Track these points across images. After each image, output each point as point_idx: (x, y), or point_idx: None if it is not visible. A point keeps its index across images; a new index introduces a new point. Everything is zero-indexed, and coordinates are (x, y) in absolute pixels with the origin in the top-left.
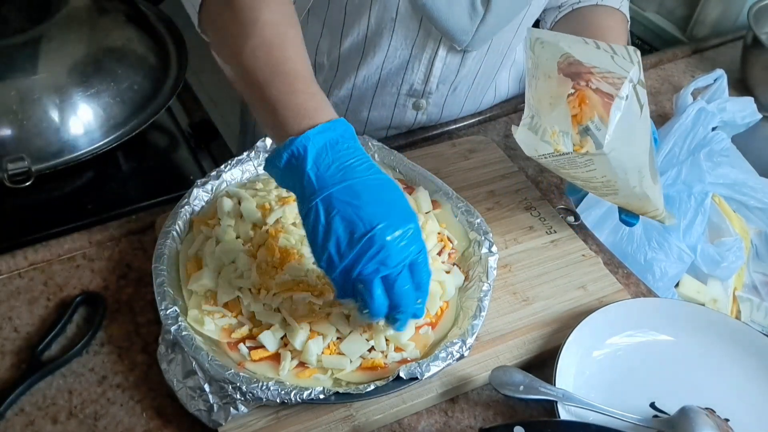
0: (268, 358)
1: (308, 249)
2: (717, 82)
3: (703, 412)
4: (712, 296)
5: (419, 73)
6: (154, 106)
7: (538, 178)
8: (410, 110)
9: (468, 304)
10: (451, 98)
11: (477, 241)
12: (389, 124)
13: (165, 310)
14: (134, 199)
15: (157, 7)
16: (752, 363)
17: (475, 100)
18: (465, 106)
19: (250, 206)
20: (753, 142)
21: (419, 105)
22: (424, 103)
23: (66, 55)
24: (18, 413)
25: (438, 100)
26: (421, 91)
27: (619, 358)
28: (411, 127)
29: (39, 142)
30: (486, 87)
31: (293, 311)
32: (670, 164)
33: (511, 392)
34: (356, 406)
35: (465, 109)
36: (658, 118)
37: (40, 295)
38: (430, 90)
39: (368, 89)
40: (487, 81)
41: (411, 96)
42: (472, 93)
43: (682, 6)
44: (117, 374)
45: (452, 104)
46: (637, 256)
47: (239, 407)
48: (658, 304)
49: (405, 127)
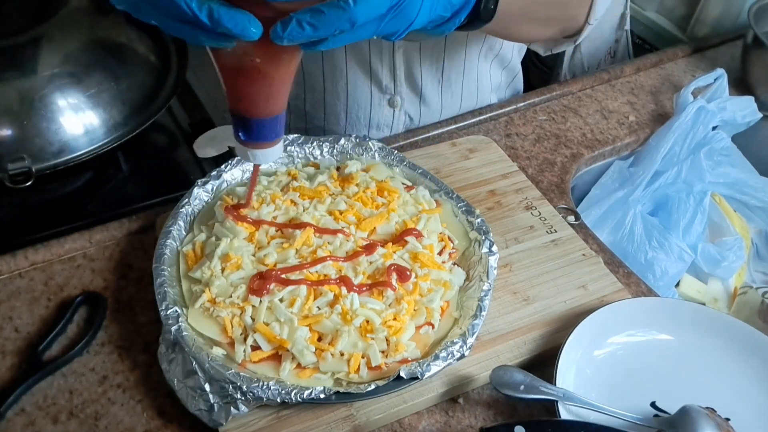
0: (268, 358)
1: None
2: (717, 82)
3: (703, 411)
4: (713, 296)
5: (384, 69)
6: (154, 106)
7: (539, 177)
8: (386, 108)
9: (468, 303)
10: (427, 94)
11: (477, 240)
12: (369, 123)
13: (165, 310)
14: (134, 199)
15: None
16: (753, 362)
17: (454, 96)
18: (445, 103)
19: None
20: (753, 142)
21: (394, 102)
22: (398, 99)
23: (66, 55)
24: (18, 413)
25: (411, 96)
26: (391, 87)
27: (620, 358)
28: (396, 128)
29: (39, 142)
30: (462, 81)
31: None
32: (671, 163)
33: (511, 392)
34: (357, 406)
35: (447, 105)
36: (658, 117)
37: (41, 295)
38: (399, 85)
39: (340, 90)
40: (459, 75)
41: (384, 93)
42: (447, 87)
43: (682, 5)
44: (117, 374)
45: (431, 101)
46: (637, 255)
47: (240, 407)
48: (659, 304)
49: (387, 128)
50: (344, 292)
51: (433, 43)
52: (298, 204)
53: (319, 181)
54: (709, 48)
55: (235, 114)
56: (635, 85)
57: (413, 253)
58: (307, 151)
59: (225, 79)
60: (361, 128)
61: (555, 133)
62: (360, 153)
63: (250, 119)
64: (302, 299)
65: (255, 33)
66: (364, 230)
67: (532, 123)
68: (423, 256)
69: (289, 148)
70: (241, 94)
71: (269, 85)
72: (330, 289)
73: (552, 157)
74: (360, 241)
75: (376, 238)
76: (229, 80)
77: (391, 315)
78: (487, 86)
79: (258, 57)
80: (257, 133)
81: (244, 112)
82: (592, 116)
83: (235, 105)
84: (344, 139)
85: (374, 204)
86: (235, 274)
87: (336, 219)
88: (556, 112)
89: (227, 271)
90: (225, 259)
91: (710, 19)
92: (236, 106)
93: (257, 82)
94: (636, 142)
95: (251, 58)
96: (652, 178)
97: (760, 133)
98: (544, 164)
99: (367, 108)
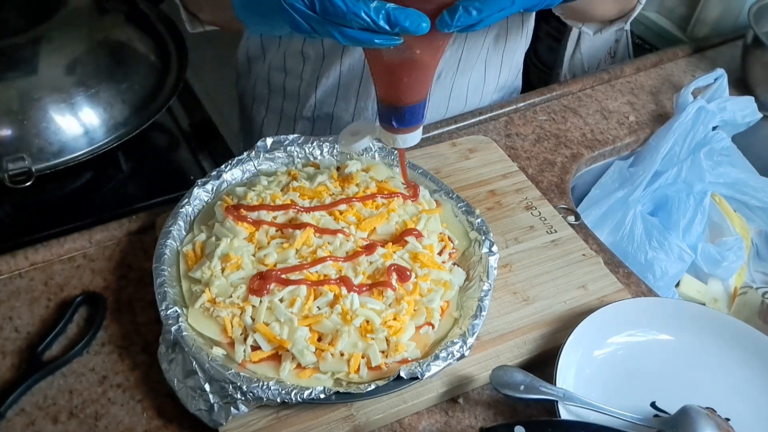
0: (268, 358)
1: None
2: (717, 82)
3: (703, 411)
4: (713, 296)
5: None
6: (154, 106)
7: (539, 177)
8: None
9: (468, 303)
10: (438, 87)
11: (477, 240)
12: (374, 113)
13: (165, 310)
14: (134, 199)
15: (157, 7)
16: (753, 362)
17: (461, 90)
18: (453, 96)
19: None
20: (753, 142)
21: None
22: None
23: (66, 55)
24: (18, 413)
25: None
26: None
27: (620, 358)
28: None
29: (39, 142)
30: (470, 74)
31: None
32: (671, 163)
33: (511, 392)
34: (357, 406)
35: (454, 98)
36: (658, 117)
37: (41, 295)
38: None
39: (354, 78)
40: (469, 67)
41: None
42: (459, 78)
43: (682, 5)
44: (117, 374)
45: (440, 94)
46: (637, 255)
47: (240, 407)
48: (659, 304)
49: None
50: (344, 292)
51: (458, 35)
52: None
53: (319, 181)
54: (709, 48)
55: (387, 104)
56: (635, 85)
57: (413, 253)
58: (307, 151)
59: (381, 73)
60: (368, 118)
61: (555, 133)
62: (360, 153)
63: (404, 107)
64: (302, 299)
65: (426, 27)
66: (364, 230)
67: (532, 123)
68: (423, 256)
69: (289, 148)
70: (396, 84)
71: (423, 72)
72: (330, 289)
73: (552, 157)
74: (360, 241)
75: (376, 238)
76: (386, 74)
77: (391, 315)
78: (494, 83)
79: (419, 48)
80: (409, 118)
81: (398, 101)
82: (592, 116)
83: (388, 96)
84: None
85: (374, 204)
86: (235, 274)
87: (336, 219)
88: (556, 112)
89: (227, 271)
90: (225, 259)
91: (710, 19)
92: (390, 97)
93: (414, 71)
94: (636, 142)
95: (412, 51)
96: (652, 178)
97: (760, 133)
98: (544, 164)
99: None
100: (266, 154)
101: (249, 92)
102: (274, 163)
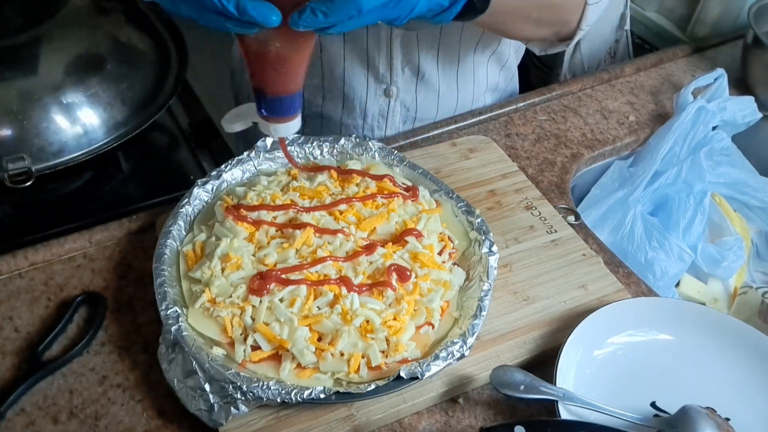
0: (268, 358)
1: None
2: (717, 82)
3: (703, 411)
4: (713, 296)
5: (381, 57)
6: (154, 106)
7: (539, 177)
8: (382, 98)
9: (468, 303)
10: (423, 87)
11: (477, 240)
12: (365, 112)
13: (165, 310)
14: (134, 199)
15: (157, 7)
16: (753, 362)
17: (450, 88)
18: (442, 93)
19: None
20: (753, 142)
21: (389, 92)
22: (394, 89)
23: (66, 55)
24: (19, 413)
25: (407, 86)
26: (388, 77)
27: (620, 358)
28: (392, 118)
29: (39, 142)
30: (457, 74)
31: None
32: (671, 163)
33: (511, 392)
34: (357, 406)
35: (444, 96)
36: (658, 117)
37: (41, 295)
38: (395, 74)
39: (337, 79)
40: (454, 67)
41: (380, 82)
42: (443, 78)
43: (682, 5)
44: (118, 374)
45: (427, 92)
46: (637, 255)
47: (240, 407)
48: (659, 304)
49: (382, 117)
50: (344, 292)
51: (430, 34)
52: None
53: (319, 181)
54: (709, 48)
55: (258, 92)
56: (635, 85)
57: (413, 253)
58: (307, 151)
59: (249, 61)
60: (357, 116)
61: (555, 133)
62: (360, 153)
63: (271, 97)
64: (302, 299)
65: (275, 21)
66: (364, 230)
67: (532, 123)
68: (423, 256)
69: (290, 148)
70: (263, 74)
71: (288, 66)
72: (330, 289)
73: (552, 157)
74: (360, 241)
75: (376, 238)
76: (253, 62)
77: (391, 315)
78: (483, 83)
79: (278, 42)
80: (277, 108)
81: (266, 90)
82: (592, 116)
83: (257, 84)
84: (344, 139)
85: (374, 204)
86: (235, 274)
87: (336, 219)
88: (556, 112)
89: (227, 271)
90: (225, 259)
91: (710, 19)
92: (259, 85)
93: (277, 63)
94: (636, 142)
95: (272, 43)
96: (652, 178)
97: (760, 133)
98: (544, 164)
99: (363, 96)
100: (266, 154)
101: (244, 90)
102: (274, 163)
